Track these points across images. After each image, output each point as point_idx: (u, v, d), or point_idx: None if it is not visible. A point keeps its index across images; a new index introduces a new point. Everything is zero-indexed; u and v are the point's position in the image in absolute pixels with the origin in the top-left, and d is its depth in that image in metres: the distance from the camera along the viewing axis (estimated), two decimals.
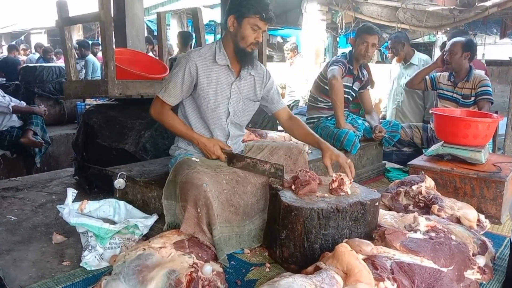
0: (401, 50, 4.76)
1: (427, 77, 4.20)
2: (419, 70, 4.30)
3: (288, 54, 8.12)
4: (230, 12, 2.32)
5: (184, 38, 5.71)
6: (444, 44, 4.13)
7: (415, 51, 4.83)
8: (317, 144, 2.52)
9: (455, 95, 3.98)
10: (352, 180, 2.26)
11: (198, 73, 2.32)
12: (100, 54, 8.64)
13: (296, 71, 7.88)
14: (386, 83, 5.38)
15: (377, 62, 12.72)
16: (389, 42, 4.99)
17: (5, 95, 4.78)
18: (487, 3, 7.06)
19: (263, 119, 4.20)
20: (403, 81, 4.80)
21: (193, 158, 2.33)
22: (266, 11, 2.25)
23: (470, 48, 3.86)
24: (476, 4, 7.18)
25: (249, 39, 2.30)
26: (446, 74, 4.06)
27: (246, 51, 2.34)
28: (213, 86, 2.36)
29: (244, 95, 2.48)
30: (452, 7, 7.40)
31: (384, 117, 5.14)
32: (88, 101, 6.26)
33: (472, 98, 3.88)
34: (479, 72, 4.00)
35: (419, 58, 4.79)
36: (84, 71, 7.67)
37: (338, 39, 12.02)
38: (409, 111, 4.80)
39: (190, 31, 8.24)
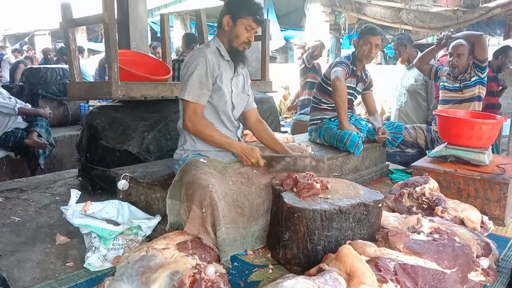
0: (404, 51, 4.77)
1: (434, 66, 4.28)
2: (429, 49, 4.38)
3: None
4: (225, 11, 2.43)
5: (188, 40, 5.73)
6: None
7: (419, 52, 4.83)
8: (283, 150, 2.58)
9: (456, 84, 4.04)
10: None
11: (214, 70, 2.41)
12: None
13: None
14: (391, 85, 5.38)
15: (378, 64, 12.71)
16: (392, 43, 5.00)
17: (11, 96, 4.81)
18: (491, 4, 7.05)
19: (266, 121, 4.20)
20: (406, 83, 4.80)
21: (201, 159, 2.33)
22: (260, 14, 2.40)
23: (472, 51, 3.93)
24: (480, 5, 7.16)
25: (242, 38, 2.42)
26: (447, 69, 4.12)
27: (238, 50, 2.46)
28: (223, 80, 2.45)
29: (240, 90, 2.60)
30: (455, 8, 7.39)
31: (388, 118, 5.14)
32: (92, 102, 6.27)
33: (473, 79, 3.95)
34: None
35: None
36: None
37: (341, 40, 12.02)
38: (412, 112, 4.80)
39: (195, 33, 8.26)
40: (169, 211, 2.26)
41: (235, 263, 2.13)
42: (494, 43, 12.15)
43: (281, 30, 11.95)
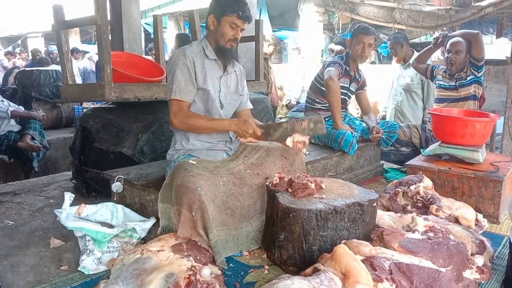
0: (400, 50, 4.77)
1: (430, 65, 4.30)
2: (425, 48, 4.39)
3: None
4: (210, 11, 2.46)
5: (181, 40, 5.72)
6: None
7: (414, 51, 4.84)
8: None
9: (452, 83, 4.05)
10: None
11: (195, 66, 2.43)
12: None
13: (297, 70, 7.93)
14: (385, 84, 5.39)
15: (372, 63, 12.72)
16: (388, 42, 5.00)
17: (4, 99, 4.77)
18: (483, 3, 7.09)
19: (261, 120, 4.21)
20: (402, 82, 4.81)
21: (190, 161, 2.32)
22: (243, 10, 2.40)
23: (470, 47, 3.93)
24: (472, 4, 7.20)
25: (227, 36, 2.44)
26: (443, 67, 4.13)
27: (225, 48, 2.48)
28: (208, 79, 2.47)
29: (231, 89, 2.61)
30: (448, 7, 7.43)
31: (383, 118, 5.14)
32: (85, 104, 6.25)
33: (469, 78, 3.96)
34: None
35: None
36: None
37: (335, 40, 12.04)
38: (409, 111, 4.80)
39: (188, 34, 8.24)
40: (161, 215, 2.26)
41: (231, 264, 2.12)
42: (486, 41, 12.22)
43: (275, 31, 11.96)
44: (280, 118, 7.70)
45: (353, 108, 5.88)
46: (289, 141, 2.38)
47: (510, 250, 1.98)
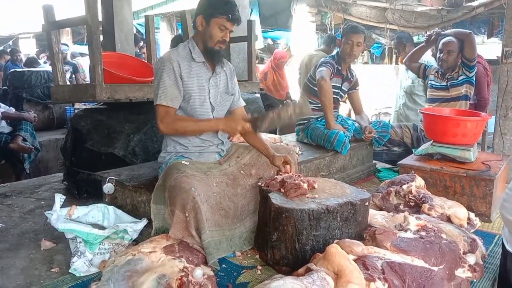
0: (403, 51, 4.74)
1: (423, 64, 4.30)
2: (418, 47, 4.40)
3: None
4: (198, 12, 2.39)
5: (176, 43, 5.70)
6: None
7: None
8: (266, 150, 2.52)
9: (443, 82, 4.07)
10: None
11: (181, 70, 2.36)
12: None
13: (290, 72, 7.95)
14: (377, 84, 5.39)
15: (365, 63, 12.76)
16: (392, 42, 4.99)
17: None
18: (474, 3, 7.13)
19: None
20: (405, 83, 4.77)
21: (183, 162, 2.31)
22: (233, 12, 2.33)
23: (462, 47, 3.95)
24: (464, 4, 7.25)
25: (216, 38, 2.37)
26: (435, 67, 4.16)
27: (214, 50, 2.41)
28: (195, 82, 2.40)
29: (221, 90, 2.54)
30: (440, 7, 7.47)
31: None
32: (77, 105, 6.21)
33: (461, 78, 3.98)
34: None
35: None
36: None
37: None
38: (411, 113, 4.76)
39: (181, 34, 8.22)
40: (154, 216, 2.24)
41: (223, 265, 2.11)
42: (478, 41, 12.29)
43: (268, 31, 11.97)
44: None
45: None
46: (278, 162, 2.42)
47: (503, 249, 1.99)
